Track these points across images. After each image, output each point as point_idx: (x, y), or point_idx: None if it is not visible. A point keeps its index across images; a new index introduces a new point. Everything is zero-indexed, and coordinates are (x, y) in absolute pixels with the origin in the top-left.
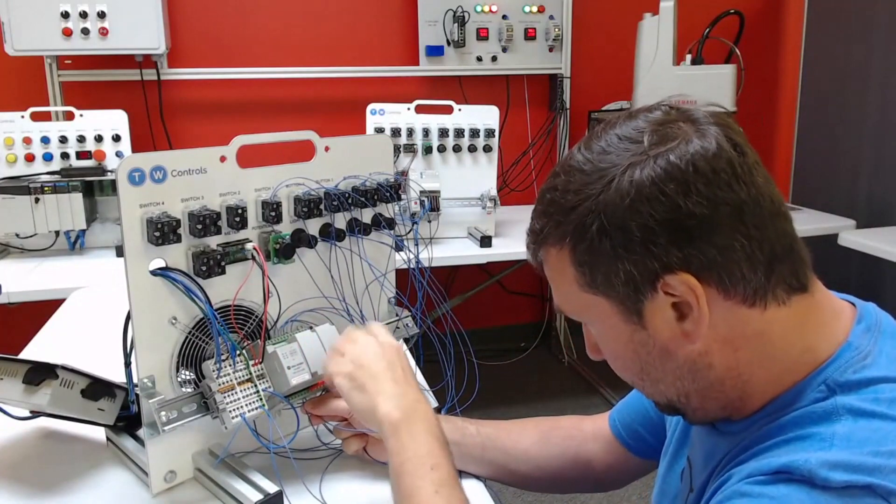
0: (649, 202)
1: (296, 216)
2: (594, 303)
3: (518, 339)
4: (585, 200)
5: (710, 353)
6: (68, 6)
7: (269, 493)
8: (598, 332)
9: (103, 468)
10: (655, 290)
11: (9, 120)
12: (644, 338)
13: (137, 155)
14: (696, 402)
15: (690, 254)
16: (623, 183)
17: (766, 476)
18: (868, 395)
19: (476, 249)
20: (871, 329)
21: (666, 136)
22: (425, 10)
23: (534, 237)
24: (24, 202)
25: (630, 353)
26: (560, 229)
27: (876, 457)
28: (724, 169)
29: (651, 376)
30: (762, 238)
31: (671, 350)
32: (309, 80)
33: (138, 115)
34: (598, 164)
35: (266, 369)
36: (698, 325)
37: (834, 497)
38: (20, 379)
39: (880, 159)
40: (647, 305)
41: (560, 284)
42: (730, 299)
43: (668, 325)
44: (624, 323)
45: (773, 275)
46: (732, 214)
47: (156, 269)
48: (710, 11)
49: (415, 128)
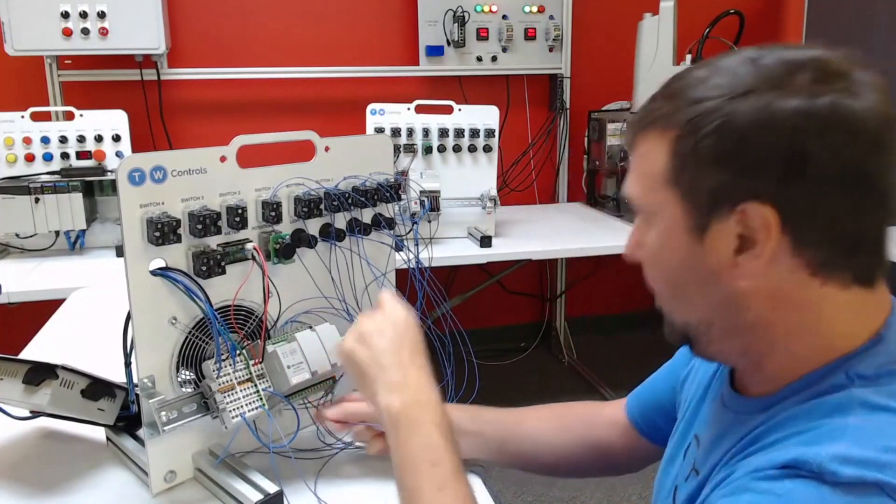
0: (779, 129)
1: (296, 216)
2: (666, 201)
3: (518, 339)
4: (716, 99)
5: (751, 298)
6: (68, 6)
7: (269, 493)
8: (654, 232)
9: (103, 468)
10: (732, 212)
11: (9, 120)
12: (697, 254)
13: (137, 155)
14: (715, 335)
15: (787, 195)
16: (763, 100)
17: (773, 471)
18: (884, 390)
19: (476, 249)
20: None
21: (826, 79)
22: (425, 10)
23: (643, 115)
24: (24, 202)
25: (675, 264)
26: (676, 115)
27: (886, 453)
28: (871, 136)
29: (684, 294)
30: (864, 218)
31: (717, 277)
32: (309, 80)
33: (138, 115)
34: (746, 74)
35: (266, 369)
36: (754, 265)
37: (841, 493)
38: (20, 379)
39: None
40: (716, 224)
41: (643, 171)
42: (797, 258)
43: (726, 251)
44: (685, 232)
45: (851, 257)
46: (854, 181)
47: (156, 269)
48: (710, 11)
49: (415, 128)
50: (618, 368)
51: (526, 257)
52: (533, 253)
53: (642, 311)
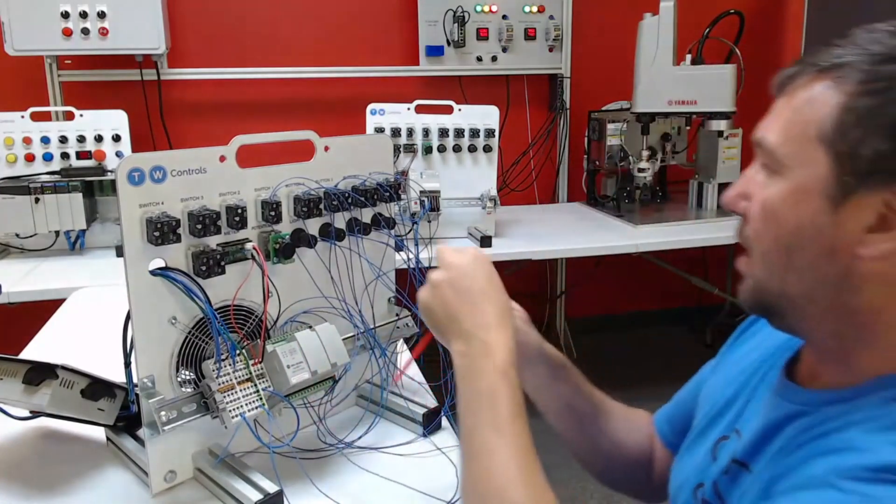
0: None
1: (295, 216)
2: (812, 157)
3: None
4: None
5: (868, 281)
6: (68, 6)
7: (269, 492)
8: (780, 186)
9: (103, 468)
10: (883, 188)
11: (9, 120)
12: (825, 222)
13: (137, 155)
14: (812, 311)
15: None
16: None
17: (864, 472)
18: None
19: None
20: None
21: None
22: (425, 10)
23: (817, 58)
24: (24, 202)
25: (795, 226)
26: (862, 69)
27: None
28: None
29: (793, 260)
30: None
31: (838, 251)
32: (309, 80)
33: (138, 115)
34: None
35: (266, 369)
36: (883, 247)
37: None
38: (20, 379)
39: None
40: (859, 196)
41: (795, 119)
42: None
43: (859, 226)
44: (820, 195)
45: None
46: None
47: (156, 269)
48: (710, 11)
49: (415, 128)
50: (618, 368)
51: (526, 257)
52: (533, 253)
53: (642, 311)
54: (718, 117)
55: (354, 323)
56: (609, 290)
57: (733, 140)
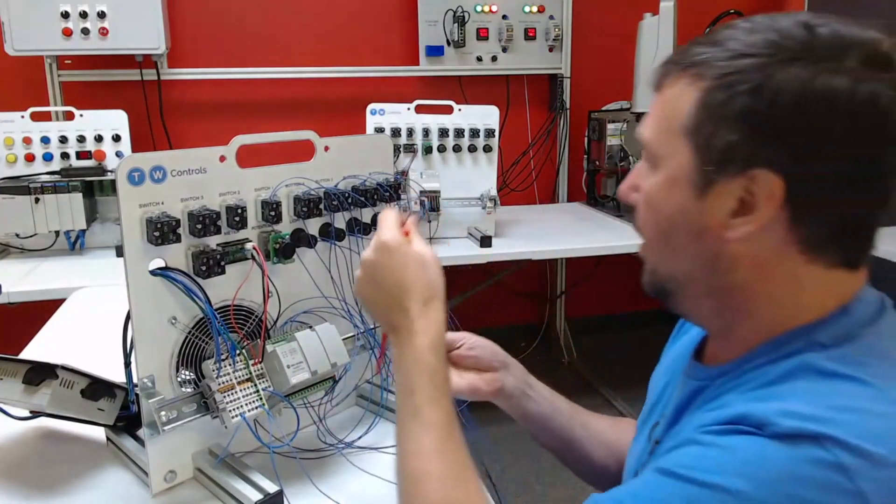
0: (815, 105)
1: (295, 216)
2: (678, 149)
3: (518, 339)
4: (760, 58)
5: (739, 261)
6: (68, 6)
7: (269, 492)
8: (656, 178)
9: (103, 468)
10: (739, 175)
11: (9, 120)
12: (694, 208)
13: (137, 155)
14: (695, 291)
15: (800, 171)
16: (808, 71)
17: (719, 426)
18: (836, 356)
19: (476, 249)
20: (877, 313)
21: (875, 65)
22: (425, 10)
23: (681, 57)
24: (24, 202)
25: (669, 213)
26: (713, 66)
27: (829, 410)
28: (894, 132)
29: (672, 245)
30: (864, 207)
31: (708, 235)
32: (309, 80)
33: (138, 115)
34: (799, 39)
35: (266, 369)
36: (745, 230)
37: (779, 444)
38: (20, 379)
39: None
40: (720, 184)
41: (664, 115)
42: (790, 233)
43: (723, 211)
44: (688, 184)
45: (842, 241)
46: (866, 172)
47: (156, 269)
48: (710, 11)
49: (415, 128)
50: (618, 368)
51: (526, 257)
52: (533, 253)
53: (642, 312)
54: None
55: (354, 323)
56: (609, 290)
57: None
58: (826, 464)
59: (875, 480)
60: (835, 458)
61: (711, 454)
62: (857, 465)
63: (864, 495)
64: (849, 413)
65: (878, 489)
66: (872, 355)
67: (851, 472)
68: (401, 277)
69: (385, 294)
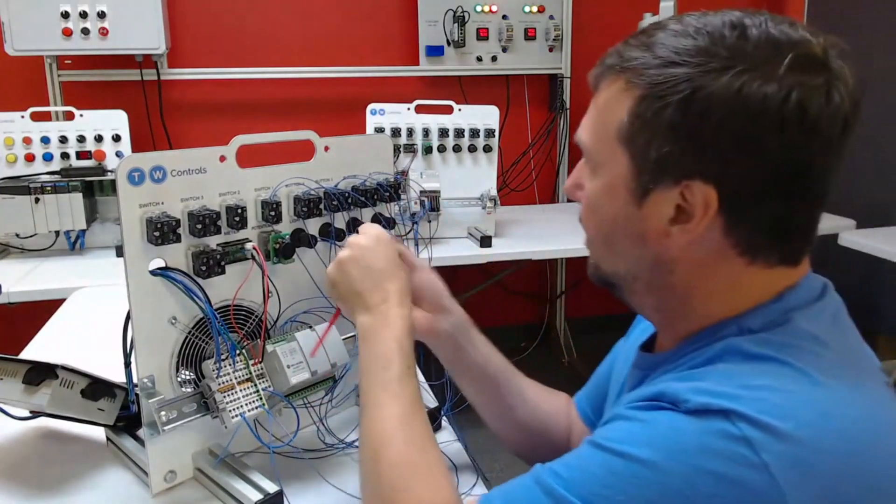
0: (742, 116)
1: (295, 216)
2: (615, 157)
3: (518, 339)
4: (689, 67)
5: (678, 263)
6: (68, 6)
7: (269, 492)
8: (597, 181)
9: (103, 468)
10: (675, 184)
11: (9, 120)
12: (632, 215)
13: (137, 155)
14: (638, 288)
15: (732, 180)
16: (737, 81)
17: (642, 402)
18: (761, 339)
19: (476, 249)
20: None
21: (805, 69)
22: (425, 10)
23: (614, 59)
24: (24, 202)
25: (609, 217)
26: (644, 73)
27: (741, 388)
28: (827, 139)
29: (614, 245)
30: (800, 210)
31: (647, 239)
32: (309, 80)
33: (138, 115)
34: (729, 45)
35: (266, 368)
36: (684, 237)
37: (690, 418)
38: (20, 379)
39: (880, 159)
40: (657, 192)
41: (600, 120)
42: (728, 238)
43: (661, 219)
44: (626, 191)
45: (780, 243)
46: (799, 177)
47: (156, 269)
48: None
49: (415, 128)
50: None
51: (526, 257)
52: (533, 253)
53: None
54: None
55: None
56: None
57: None
58: (732, 437)
59: (778, 453)
60: (740, 432)
61: (632, 427)
62: (762, 439)
63: (767, 467)
64: (759, 391)
65: (781, 461)
66: (796, 337)
67: (756, 445)
68: (386, 266)
69: (369, 275)
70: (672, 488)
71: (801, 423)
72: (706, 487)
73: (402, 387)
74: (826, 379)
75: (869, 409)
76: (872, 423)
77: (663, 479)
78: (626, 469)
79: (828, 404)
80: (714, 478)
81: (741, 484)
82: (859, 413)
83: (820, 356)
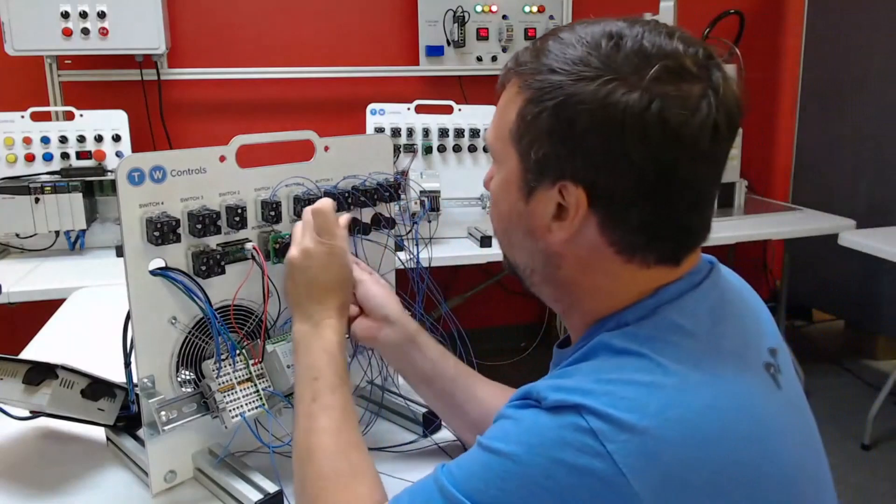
0: (607, 122)
1: (295, 216)
2: (509, 155)
3: (518, 339)
4: (565, 75)
5: (564, 258)
6: (68, 6)
7: (269, 492)
8: (498, 178)
9: (103, 468)
10: (553, 184)
11: (9, 120)
12: (523, 210)
13: (137, 155)
14: (535, 279)
15: (600, 183)
16: (604, 90)
17: (517, 401)
18: (629, 334)
19: (476, 249)
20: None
21: (672, 79)
22: (425, 10)
23: (513, 64)
24: (24, 202)
25: (506, 211)
26: (533, 78)
27: (595, 383)
28: (691, 145)
29: (511, 239)
30: (670, 212)
31: (535, 234)
32: (309, 80)
33: (138, 115)
34: (601, 55)
35: (266, 368)
36: (563, 233)
37: (549, 414)
38: (20, 379)
39: (880, 159)
40: (540, 190)
41: (500, 120)
42: (603, 236)
43: (544, 215)
44: (517, 188)
45: (654, 243)
46: (666, 182)
47: (156, 269)
48: (710, 11)
49: (415, 128)
50: None
51: None
52: None
53: None
54: None
55: None
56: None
57: None
58: (582, 429)
59: (621, 443)
60: (588, 425)
61: (504, 425)
62: (606, 430)
63: (611, 456)
64: (612, 385)
65: (624, 450)
66: (660, 329)
67: (601, 437)
68: (331, 281)
69: (314, 287)
70: (533, 480)
71: (644, 414)
72: (563, 478)
73: (332, 397)
74: (680, 369)
75: (718, 398)
76: (720, 412)
77: (526, 471)
78: (497, 464)
79: (675, 394)
80: (567, 468)
81: (591, 473)
82: (708, 402)
83: (679, 346)
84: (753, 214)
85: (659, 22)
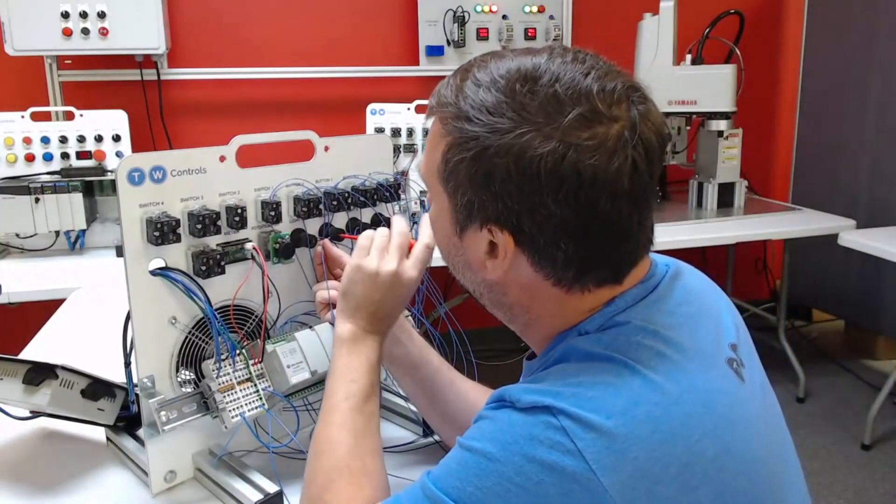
0: (523, 172)
1: (295, 216)
2: (439, 192)
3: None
4: (483, 127)
5: (507, 287)
6: (68, 6)
7: (269, 492)
8: (433, 208)
9: (103, 468)
10: (482, 227)
11: (9, 120)
12: (457, 244)
13: (137, 155)
14: (486, 303)
15: (523, 227)
16: (520, 142)
17: (493, 403)
18: (594, 339)
19: None
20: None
21: (587, 124)
22: (425, 10)
23: (434, 101)
24: (24, 202)
25: (444, 243)
26: (452, 124)
27: (563, 385)
28: (609, 189)
29: (454, 266)
30: (596, 248)
31: (472, 267)
32: (309, 80)
33: (138, 115)
34: (516, 105)
35: (266, 368)
36: (498, 269)
37: (522, 414)
38: (20, 379)
39: (880, 159)
40: (470, 229)
41: (428, 153)
42: (536, 272)
43: (478, 252)
44: (449, 223)
45: (585, 276)
46: (586, 224)
47: (155, 269)
48: (710, 11)
49: (415, 128)
50: None
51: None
52: None
53: None
54: (718, 117)
55: None
56: None
57: (733, 140)
58: (553, 427)
59: (590, 440)
60: (559, 423)
61: (482, 425)
62: (574, 428)
63: (581, 453)
64: (578, 387)
65: (593, 447)
66: (623, 332)
67: (570, 434)
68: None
69: (372, 303)
70: (507, 476)
71: (611, 413)
72: (534, 474)
73: (363, 403)
74: (644, 369)
75: (683, 395)
76: (685, 408)
77: (500, 468)
78: (473, 461)
79: (641, 393)
80: (539, 465)
81: (562, 470)
82: (673, 399)
83: (642, 347)
84: (753, 214)
85: (578, 52)
